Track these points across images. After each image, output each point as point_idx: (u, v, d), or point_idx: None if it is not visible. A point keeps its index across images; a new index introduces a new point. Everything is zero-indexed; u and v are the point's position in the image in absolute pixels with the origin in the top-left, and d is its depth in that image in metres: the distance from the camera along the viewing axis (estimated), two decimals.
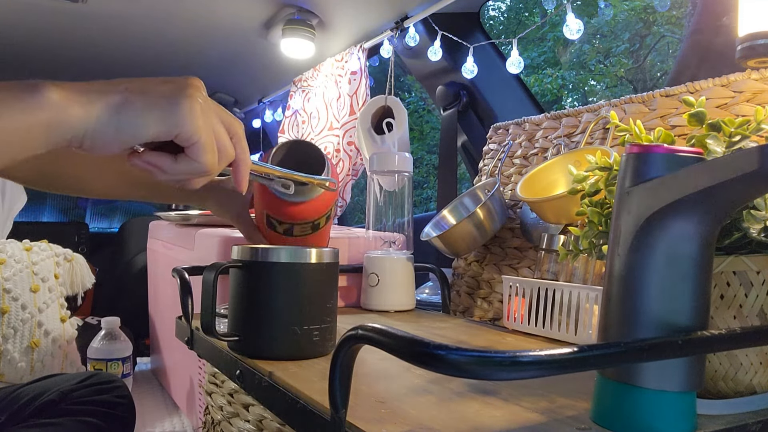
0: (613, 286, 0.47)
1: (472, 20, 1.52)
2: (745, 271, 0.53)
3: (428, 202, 6.99)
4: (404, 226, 1.14)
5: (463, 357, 0.34)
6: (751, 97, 0.77)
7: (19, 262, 1.46)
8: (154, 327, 1.85)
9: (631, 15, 6.87)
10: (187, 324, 0.84)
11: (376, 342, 0.39)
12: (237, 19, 1.68)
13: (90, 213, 3.46)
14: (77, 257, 1.60)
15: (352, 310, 1.10)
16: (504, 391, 0.57)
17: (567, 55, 7.54)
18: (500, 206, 1.04)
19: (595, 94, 7.47)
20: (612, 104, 0.96)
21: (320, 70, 1.85)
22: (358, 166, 1.72)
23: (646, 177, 0.46)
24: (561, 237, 0.89)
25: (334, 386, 0.45)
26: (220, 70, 2.16)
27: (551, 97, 7.18)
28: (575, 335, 0.80)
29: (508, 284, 0.91)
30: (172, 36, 1.82)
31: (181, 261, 1.31)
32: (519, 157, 1.13)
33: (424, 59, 1.47)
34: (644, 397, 0.45)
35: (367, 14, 1.53)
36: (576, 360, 0.37)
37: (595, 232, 0.61)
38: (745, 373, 0.53)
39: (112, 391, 1.08)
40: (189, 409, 1.45)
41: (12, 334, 1.39)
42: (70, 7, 1.58)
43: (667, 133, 0.59)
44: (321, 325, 0.70)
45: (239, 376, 0.69)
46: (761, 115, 0.55)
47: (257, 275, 0.69)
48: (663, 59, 6.85)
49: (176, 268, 0.84)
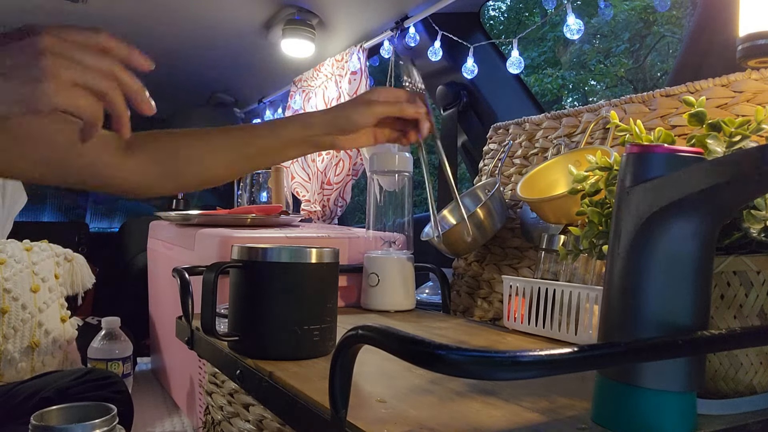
0: (613, 286, 0.47)
1: (473, 20, 1.52)
2: (745, 271, 0.53)
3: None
4: (404, 226, 1.14)
5: (463, 357, 0.34)
6: (752, 97, 0.77)
7: (20, 262, 1.46)
8: (154, 327, 1.85)
9: (631, 15, 6.87)
10: (188, 324, 0.84)
11: (377, 342, 0.39)
12: (237, 19, 1.68)
13: (90, 213, 3.46)
14: (77, 257, 1.60)
15: (352, 310, 1.10)
16: (504, 391, 0.57)
17: (567, 55, 7.54)
18: (500, 206, 1.04)
19: (595, 94, 7.47)
20: (612, 104, 0.96)
21: (320, 70, 1.85)
22: (358, 166, 1.72)
23: (647, 177, 0.46)
24: (561, 237, 0.89)
25: (334, 386, 0.45)
26: (220, 70, 2.17)
27: (551, 97, 7.18)
28: (575, 335, 0.80)
29: (508, 284, 0.91)
30: (172, 36, 1.82)
31: (181, 261, 1.31)
32: (519, 157, 1.13)
33: (424, 59, 1.47)
34: (644, 397, 0.45)
35: (367, 14, 1.53)
36: (576, 360, 0.37)
37: (595, 232, 0.61)
38: (745, 373, 0.53)
39: (108, 387, 1.08)
40: (189, 409, 1.45)
41: (12, 334, 1.39)
42: (70, 7, 1.58)
43: (668, 133, 0.59)
44: (321, 325, 0.70)
45: (239, 376, 0.69)
46: (761, 115, 0.55)
47: (257, 275, 0.69)
48: (663, 59, 6.85)
49: (176, 268, 0.84)
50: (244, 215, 1.30)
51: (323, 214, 1.84)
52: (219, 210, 1.52)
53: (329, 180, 1.77)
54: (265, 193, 1.70)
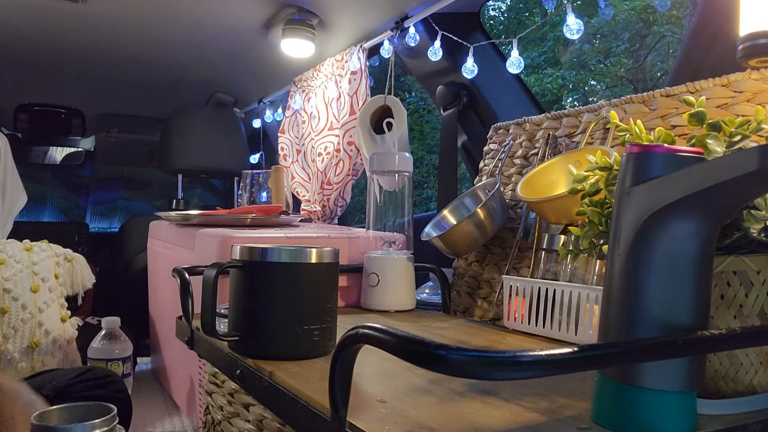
0: (613, 286, 0.47)
1: (473, 20, 1.52)
2: (746, 271, 0.53)
3: (428, 202, 6.99)
4: (404, 226, 1.14)
5: (463, 357, 0.34)
6: (752, 97, 0.77)
7: (20, 262, 1.46)
8: (154, 327, 1.85)
9: (631, 15, 6.86)
10: (188, 324, 0.84)
11: (377, 342, 0.39)
12: (237, 19, 1.68)
13: (90, 213, 3.46)
14: (77, 257, 1.59)
15: (352, 310, 1.10)
16: (504, 391, 0.57)
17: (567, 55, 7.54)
18: (500, 206, 1.04)
19: (596, 94, 7.46)
20: (612, 104, 0.96)
21: (320, 70, 1.85)
22: (358, 166, 1.72)
23: (647, 177, 0.46)
24: (561, 237, 0.89)
25: (334, 386, 0.45)
26: (220, 70, 2.16)
27: (551, 97, 7.18)
28: (575, 335, 0.80)
29: (508, 284, 0.91)
30: (172, 36, 1.82)
31: (181, 261, 1.31)
32: (519, 157, 1.13)
33: (424, 59, 1.47)
34: (644, 397, 0.45)
35: (367, 14, 1.53)
36: (576, 360, 0.37)
37: (596, 232, 0.61)
38: (746, 372, 0.53)
39: (107, 386, 1.07)
40: (189, 409, 1.45)
41: (12, 334, 1.39)
42: (70, 7, 1.58)
43: (668, 133, 0.59)
44: (321, 325, 0.70)
45: (239, 376, 0.69)
46: (761, 115, 0.55)
47: (257, 275, 0.69)
48: (663, 59, 6.84)
49: (176, 268, 0.84)
50: (244, 215, 1.30)
51: (323, 214, 1.84)
52: (219, 210, 1.52)
53: (329, 180, 1.77)
54: (265, 193, 1.70)
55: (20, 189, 1.85)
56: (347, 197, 1.80)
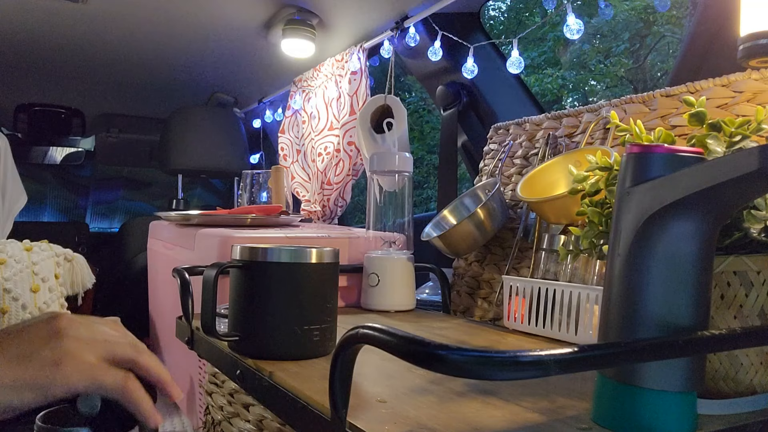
0: (613, 286, 0.47)
1: (473, 20, 1.52)
2: (746, 271, 0.53)
3: (428, 202, 6.99)
4: (404, 226, 1.14)
5: (463, 357, 0.34)
6: (752, 97, 0.77)
7: (20, 262, 1.46)
8: (154, 327, 1.84)
9: (631, 15, 6.86)
10: (188, 324, 0.84)
11: (377, 342, 0.39)
12: (237, 19, 1.68)
13: (90, 213, 3.46)
14: (77, 257, 1.59)
15: (352, 310, 1.10)
16: (504, 391, 0.57)
17: (567, 55, 7.54)
18: (501, 206, 1.04)
19: (596, 94, 7.46)
20: (612, 104, 0.96)
21: (320, 70, 1.85)
22: (358, 166, 1.72)
23: (647, 177, 0.46)
24: (561, 237, 0.89)
25: (334, 386, 0.45)
26: (220, 70, 2.16)
27: (551, 97, 7.18)
28: (575, 335, 0.80)
29: (508, 284, 0.91)
30: (172, 36, 1.82)
31: (181, 261, 1.31)
32: (519, 157, 1.13)
33: (424, 59, 1.47)
34: (644, 397, 0.45)
35: (367, 14, 1.53)
36: (576, 360, 0.37)
37: (596, 232, 0.61)
38: (746, 373, 0.53)
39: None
40: (189, 409, 1.45)
41: None
42: (70, 7, 1.58)
43: (668, 133, 0.59)
44: (321, 325, 0.70)
45: (240, 376, 0.69)
46: (761, 115, 0.55)
47: (257, 275, 0.69)
48: (663, 59, 6.84)
49: (176, 268, 0.84)
50: (244, 215, 1.30)
51: (323, 214, 1.84)
52: (219, 210, 1.52)
53: (329, 180, 1.77)
54: (265, 193, 1.69)
55: (20, 189, 1.85)
56: (347, 197, 1.80)
